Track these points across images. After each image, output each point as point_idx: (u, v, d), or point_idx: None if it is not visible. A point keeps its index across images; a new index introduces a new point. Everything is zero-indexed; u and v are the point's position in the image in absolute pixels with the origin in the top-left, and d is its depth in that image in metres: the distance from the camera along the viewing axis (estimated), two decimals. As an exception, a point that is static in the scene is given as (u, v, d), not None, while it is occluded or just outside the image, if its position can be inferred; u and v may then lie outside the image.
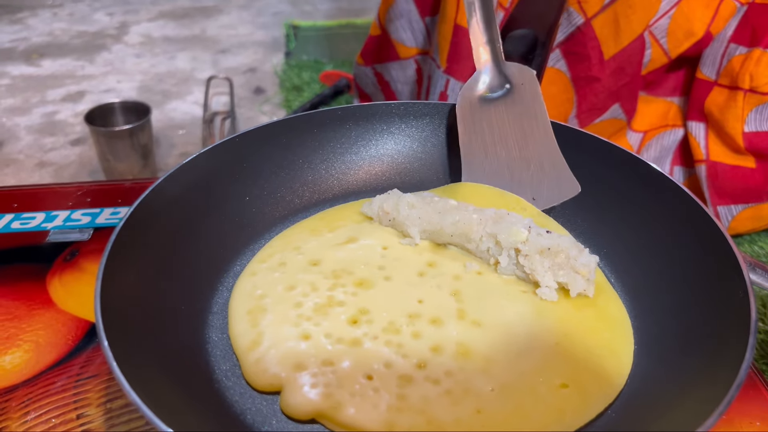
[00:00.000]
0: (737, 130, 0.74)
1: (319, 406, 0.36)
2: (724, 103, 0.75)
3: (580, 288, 0.42)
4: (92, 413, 0.45)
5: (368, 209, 0.50)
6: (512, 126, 0.52)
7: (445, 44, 0.86)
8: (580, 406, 0.37)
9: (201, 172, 0.49)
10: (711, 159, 0.77)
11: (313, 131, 0.55)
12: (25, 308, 0.53)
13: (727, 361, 0.34)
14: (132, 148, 1.01)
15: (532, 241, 0.43)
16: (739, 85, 0.73)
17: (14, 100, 1.35)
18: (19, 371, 0.48)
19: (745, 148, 0.75)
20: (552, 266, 0.43)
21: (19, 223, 0.63)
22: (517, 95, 0.52)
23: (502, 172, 0.51)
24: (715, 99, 0.76)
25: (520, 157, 0.51)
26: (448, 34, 0.85)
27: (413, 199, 0.48)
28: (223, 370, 0.39)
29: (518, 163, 0.51)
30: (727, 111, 0.74)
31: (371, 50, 1.02)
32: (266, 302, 0.43)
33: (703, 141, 0.78)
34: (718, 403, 0.31)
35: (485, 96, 0.53)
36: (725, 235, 0.40)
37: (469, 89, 0.53)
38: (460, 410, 0.36)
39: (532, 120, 0.51)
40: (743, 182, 0.77)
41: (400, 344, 0.40)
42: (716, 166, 0.77)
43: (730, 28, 0.74)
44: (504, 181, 0.51)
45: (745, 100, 0.73)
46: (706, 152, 0.78)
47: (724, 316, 0.37)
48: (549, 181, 0.50)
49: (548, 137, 0.50)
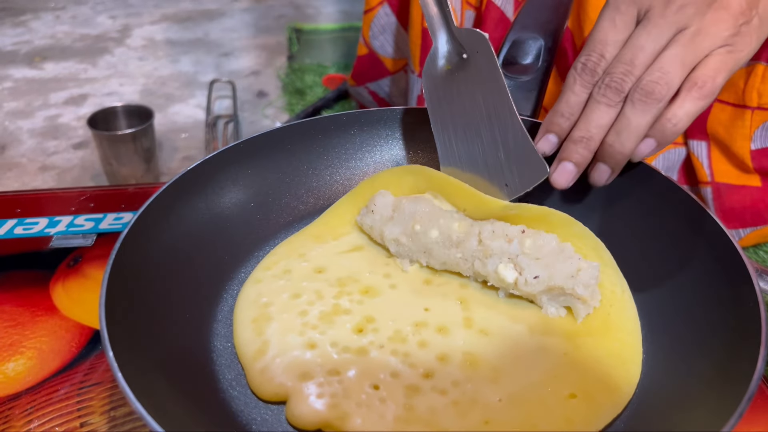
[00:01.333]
0: (745, 149, 0.73)
1: (325, 416, 0.36)
2: (730, 121, 0.73)
3: (584, 313, 0.42)
4: (96, 421, 0.44)
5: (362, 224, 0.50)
6: (477, 102, 0.49)
7: (416, 49, 0.87)
8: (588, 417, 0.36)
9: (205, 179, 0.48)
10: (716, 180, 0.76)
11: (317, 137, 0.54)
12: (29, 315, 0.53)
13: (738, 373, 0.33)
14: (135, 152, 1.01)
15: (522, 286, 0.42)
16: (747, 104, 0.71)
17: (17, 104, 1.35)
18: (23, 379, 0.48)
19: (753, 168, 0.73)
20: (551, 298, 0.42)
21: (22, 228, 0.62)
22: (474, 64, 0.49)
23: (476, 157, 0.49)
24: (718, 117, 0.74)
25: (490, 138, 0.48)
26: (418, 39, 0.86)
27: (396, 233, 0.46)
28: (228, 379, 0.39)
29: (489, 146, 0.48)
30: (734, 130, 0.73)
31: (361, 71, 1.03)
32: (271, 310, 0.43)
33: (707, 161, 0.77)
34: (729, 416, 0.31)
35: (446, 70, 0.51)
36: (735, 245, 0.40)
37: (431, 63, 0.51)
38: (468, 421, 0.36)
39: (495, 95, 0.48)
40: (751, 204, 0.75)
41: (406, 353, 0.40)
42: (721, 188, 0.76)
43: None
44: (478, 167, 0.49)
45: (753, 118, 0.72)
46: (711, 173, 0.77)
47: (735, 327, 0.37)
48: (518, 164, 0.47)
49: (511, 113, 0.47)
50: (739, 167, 0.75)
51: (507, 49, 0.58)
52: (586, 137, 0.44)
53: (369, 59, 1.00)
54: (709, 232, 0.42)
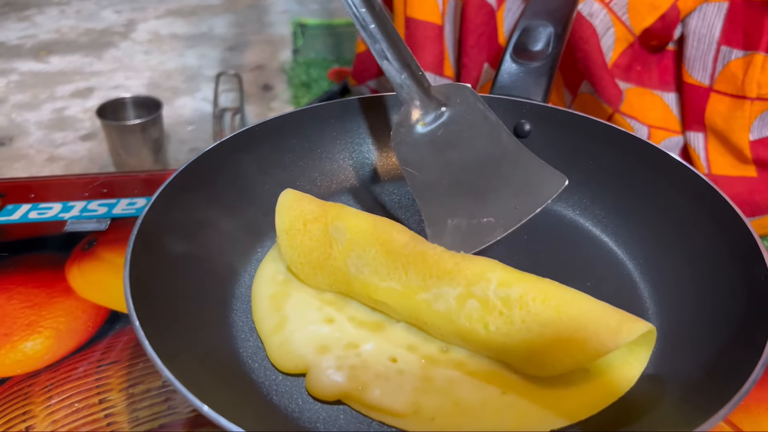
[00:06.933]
0: (744, 140, 0.73)
1: (344, 387, 0.36)
2: (728, 112, 0.73)
3: None
4: (114, 398, 0.45)
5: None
6: (465, 147, 0.45)
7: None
8: (604, 391, 0.37)
9: (223, 161, 0.49)
10: (713, 173, 0.76)
11: (331, 121, 0.55)
12: (45, 296, 0.53)
13: (747, 352, 0.34)
14: (143, 142, 1.01)
15: None
16: (747, 94, 0.71)
17: (23, 96, 1.36)
18: (41, 357, 0.48)
19: (752, 159, 0.74)
20: None
21: (36, 213, 0.63)
22: (456, 114, 0.46)
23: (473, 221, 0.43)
24: (717, 108, 0.74)
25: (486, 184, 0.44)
26: (401, 28, 0.86)
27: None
28: (248, 353, 0.40)
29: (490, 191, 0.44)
30: (733, 121, 0.73)
31: (361, 68, 1.04)
32: (289, 287, 0.43)
33: (703, 153, 0.77)
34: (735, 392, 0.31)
35: (421, 128, 0.47)
36: (746, 224, 0.41)
37: (401, 129, 0.47)
38: (486, 393, 0.36)
39: (484, 131, 0.45)
40: (749, 195, 0.75)
41: (422, 327, 0.40)
42: (718, 180, 0.76)
43: (716, 29, 0.72)
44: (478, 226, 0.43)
45: (752, 109, 0.72)
46: (707, 165, 0.77)
47: (746, 305, 0.38)
48: (528, 184, 0.44)
49: (509, 141, 0.44)
50: (737, 158, 0.75)
51: (517, 36, 0.59)
52: None
53: (368, 55, 1.01)
54: (718, 209, 0.43)
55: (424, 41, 0.86)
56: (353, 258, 0.40)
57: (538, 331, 0.35)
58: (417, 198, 0.45)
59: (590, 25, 0.72)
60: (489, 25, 0.82)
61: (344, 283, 0.41)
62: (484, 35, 0.82)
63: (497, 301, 0.36)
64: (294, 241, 0.43)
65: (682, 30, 0.74)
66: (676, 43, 0.76)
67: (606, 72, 0.76)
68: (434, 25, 0.82)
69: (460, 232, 0.43)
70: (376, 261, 0.39)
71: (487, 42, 0.83)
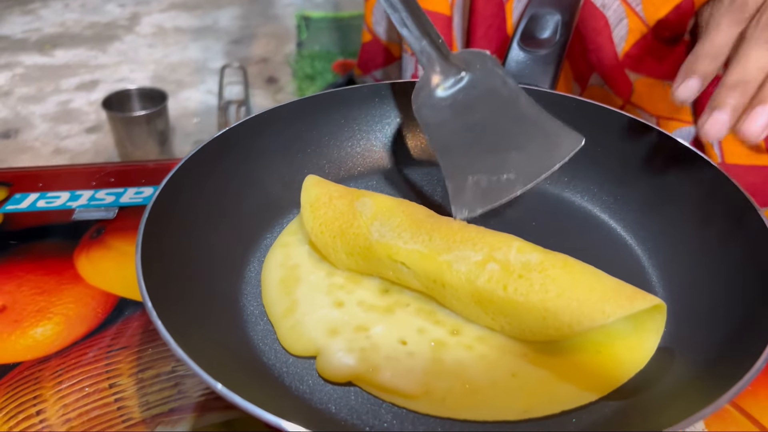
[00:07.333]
0: None
1: (355, 369, 0.37)
2: None
3: None
4: (124, 383, 0.45)
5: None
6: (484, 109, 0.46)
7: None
8: (613, 371, 0.37)
9: (232, 148, 0.49)
10: (726, 162, 0.76)
11: (338, 109, 0.55)
12: (54, 283, 0.54)
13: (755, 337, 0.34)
14: (149, 134, 1.02)
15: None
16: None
17: (28, 89, 1.36)
18: (51, 343, 0.48)
19: (766, 148, 0.73)
20: None
21: (44, 201, 0.63)
22: (476, 79, 0.47)
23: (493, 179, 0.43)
24: None
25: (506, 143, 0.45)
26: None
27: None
28: (258, 336, 0.40)
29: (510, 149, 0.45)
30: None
31: (367, 59, 1.03)
32: (299, 272, 0.44)
33: (717, 142, 0.77)
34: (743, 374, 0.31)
35: (442, 92, 0.48)
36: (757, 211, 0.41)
37: (421, 93, 0.48)
38: (496, 374, 0.37)
39: (503, 95, 0.45)
40: (763, 185, 0.75)
41: (431, 311, 0.41)
42: (731, 169, 0.76)
43: None
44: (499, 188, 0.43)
45: None
46: (721, 154, 0.76)
47: (758, 293, 0.38)
48: (546, 143, 0.44)
49: (527, 104, 0.45)
50: (751, 147, 0.75)
51: (525, 24, 0.59)
52: (744, 81, 0.38)
53: (373, 45, 1.00)
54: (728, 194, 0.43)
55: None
56: (377, 225, 0.41)
57: (556, 293, 0.36)
58: (438, 156, 0.46)
59: (603, 16, 0.71)
60: (498, 16, 0.82)
61: (364, 248, 0.42)
62: (493, 27, 0.82)
63: (518, 264, 0.37)
64: (318, 213, 0.44)
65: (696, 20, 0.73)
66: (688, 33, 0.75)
67: (617, 63, 0.76)
68: (443, 15, 0.82)
69: (480, 188, 0.44)
70: (400, 227, 0.41)
71: (495, 33, 0.82)
